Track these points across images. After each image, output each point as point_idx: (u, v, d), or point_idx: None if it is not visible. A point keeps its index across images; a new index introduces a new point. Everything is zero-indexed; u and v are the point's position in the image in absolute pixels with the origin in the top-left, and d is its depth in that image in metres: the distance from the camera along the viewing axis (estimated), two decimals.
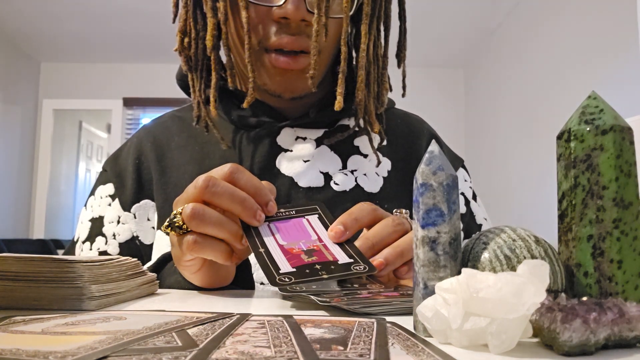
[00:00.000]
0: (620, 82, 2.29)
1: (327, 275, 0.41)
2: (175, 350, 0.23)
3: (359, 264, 0.43)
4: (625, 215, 0.31)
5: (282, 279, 0.40)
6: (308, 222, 0.49)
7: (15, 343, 0.25)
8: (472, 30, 3.87)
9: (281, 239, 0.46)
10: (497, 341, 0.25)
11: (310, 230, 0.48)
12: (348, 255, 0.44)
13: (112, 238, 0.68)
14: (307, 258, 0.43)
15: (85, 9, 3.62)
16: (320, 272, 0.41)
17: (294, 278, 0.40)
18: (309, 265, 0.42)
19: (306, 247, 0.45)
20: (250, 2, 0.60)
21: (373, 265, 0.43)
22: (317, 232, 0.47)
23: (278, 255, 0.44)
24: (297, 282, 0.40)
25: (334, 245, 0.45)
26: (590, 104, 0.33)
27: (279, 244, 0.45)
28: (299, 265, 0.42)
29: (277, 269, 0.42)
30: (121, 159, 0.73)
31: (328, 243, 0.46)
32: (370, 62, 0.64)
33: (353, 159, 0.69)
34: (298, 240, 0.46)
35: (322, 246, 0.45)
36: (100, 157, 5.73)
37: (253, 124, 0.69)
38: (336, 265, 0.42)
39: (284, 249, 0.45)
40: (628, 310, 0.26)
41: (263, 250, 0.44)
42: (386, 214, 0.50)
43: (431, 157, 0.31)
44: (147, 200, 0.69)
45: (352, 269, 0.42)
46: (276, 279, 0.40)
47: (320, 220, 0.49)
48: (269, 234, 0.46)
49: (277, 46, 0.61)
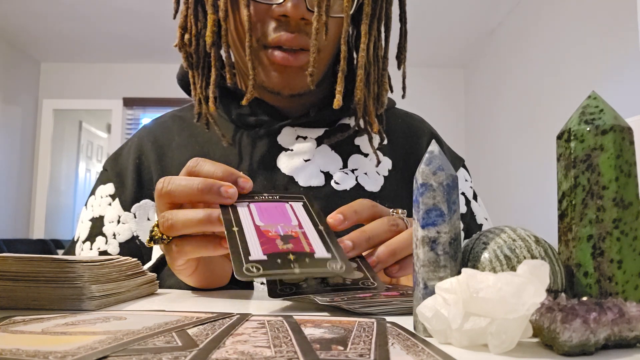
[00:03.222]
0: (620, 82, 2.29)
1: (298, 270, 0.38)
2: (175, 350, 0.23)
3: (336, 261, 0.39)
4: (625, 215, 0.31)
5: (250, 268, 0.37)
6: (291, 208, 0.47)
7: (15, 343, 0.25)
8: (472, 30, 3.87)
9: (259, 219, 0.43)
10: (497, 341, 0.25)
11: (291, 215, 0.45)
12: (327, 248, 0.41)
13: (112, 238, 0.68)
14: (282, 245, 0.40)
15: (86, 9, 3.62)
16: (293, 265, 0.38)
17: (262, 269, 0.38)
18: (282, 254, 0.39)
19: (284, 231, 0.42)
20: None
21: (350, 266, 0.40)
22: (299, 218, 0.45)
23: (252, 236, 0.41)
24: (264, 274, 0.37)
25: (314, 235, 0.43)
26: (590, 104, 0.33)
27: (256, 224, 0.43)
28: (272, 252, 0.39)
29: (247, 254, 0.39)
30: (121, 159, 0.73)
31: (308, 231, 0.43)
32: (370, 62, 0.64)
33: (354, 158, 0.69)
34: (276, 223, 0.43)
35: (301, 233, 0.43)
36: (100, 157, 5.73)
37: (253, 123, 0.69)
38: (311, 259, 0.39)
39: (260, 230, 0.42)
40: (628, 310, 0.26)
41: (237, 230, 0.41)
42: (386, 211, 0.50)
43: (431, 157, 0.31)
44: (148, 200, 0.69)
45: (327, 266, 0.39)
46: (242, 268, 0.37)
47: (305, 208, 0.47)
48: (246, 214, 0.44)
49: (276, 43, 0.61)
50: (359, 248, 0.45)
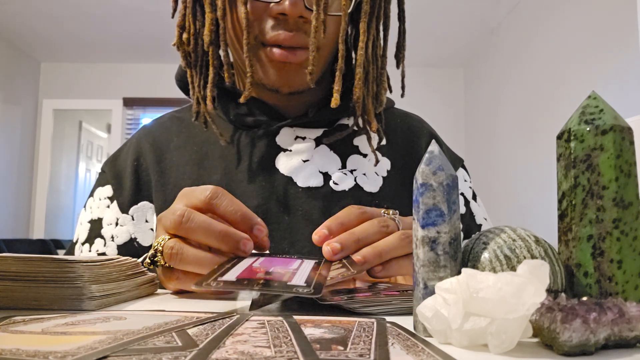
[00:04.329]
0: (620, 82, 2.29)
1: (257, 287, 0.35)
2: (175, 350, 0.23)
3: (306, 287, 0.35)
4: (625, 215, 0.31)
5: (210, 283, 0.35)
6: (300, 261, 0.44)
7: (15, 343, 0.25)
8: (472, 29, 3.87)
9: (257, 263, 0.42)
10: (497, 341, 0.25)
11: (295, 264, 0.43)
12: (307, 281, 0.37)
13: (111, 240, 0.68)
14: (262, 275, 0.38)
15: (86, 9, 3.62)
16: (256, 286, 0.36)
17: (222, 285, 0.35)
18: (252, 279, 0.37)
19: (273, 270, 0.40)
20: None
21: (319, 291, 0.35)
22: (301, 265, 0.42)
23: (238, 268, 0.39)
24: (218, 288, 0.35)
25: (304, 273, 0.40)
26: (590, 104, 0.33)
27: (252, 265, 0.41)
28: (244, 277, 0.37)
29: (220, 275, 0.37)
30: (120, 160, 0.73)
31: (300, 270, 0.40)
32: (369, 61, 0.64)
33: (352, 158, 0.69)
34: (273, 266, 0.41)
35: (291, 272, 0.40)
36: (100, 157, 5.73)
37: (251, 123, 0.69)
38: (280, 284, 0.36)
39: (250, 267, 0.40)
40: (628, 310, 0.26)
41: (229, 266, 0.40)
42: (376, 212, 0.50)
43: (431, 157, 0.31)
44: (146, 202, 0.69)
45: (292, 290, 0.35)
46: (204, 282, 0.36)
47: (315, 262, 0.44)
48: (250, 261, 0.42)
49: (274, 42, 0.61)
50: (347, 250, 0.45)
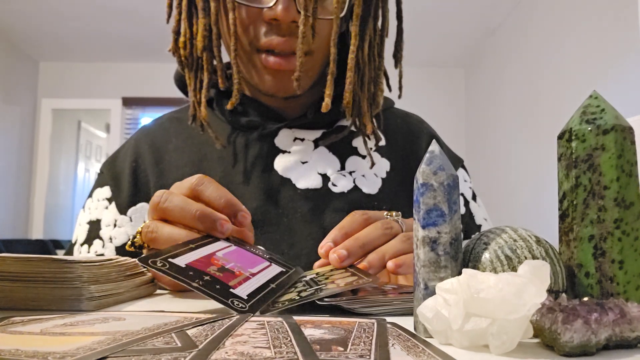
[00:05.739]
0: (621, 81, 2.29)
1: (196, 283, 0.35)
2: (175, 351, 0.23)
3: (242, 302, 0.35)
4: (626, 215, 0.31)
5: (157, 262, 0.36)
6: (268, 265, 0.44)
7: (14, 344, 0.24)
8: (472, 29, 3.87)
9: (222, 254, 0.41)
10: (497, 342, 0.25)
11: (259, 267, 0.42)
12: (251, 294, 0.37)
13: (109, 241, 0.68)
14: (212, 270, 0.38)
15: (85, 8, 3.62)
16: (197, 281, 0.36)
17: (167, 267, 0.36)
18: (201, 272, 0.37)
19: (229, 267, 0.39)
20: (240, 3, 0.60)
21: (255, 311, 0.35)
22: (263, 271, 0.42)
23: (195, 254, 0.39)
24: (160, 270, 0.36)
25: (258, 280, 0.39)
26: (591, 104, 0.33)
27: (214, 253, 0.41)
28: (194, 267, 0.37)
29: (172, 257, 0.37)
30: (118, 161, 0.72)
31: (258, 277, 0.40)
32: (364, 62, 0.64)
33: (351, 160, 0.69)
34: (233, 262, 0.41)
35: (246, 275, 0.39)
36: (99, 157, 5.73)
37: (250, 124, 0.69)
38: (222, 287, 0.36)
39: (210, 257, 0.40)
40: (629, 310, 0.26)
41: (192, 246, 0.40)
42: (379, 215, 0.50)
43: (432, 157, 0.31)
44: (144, 203, 0.69)
45: (227, 300, 0.35)
46: (150, 259, 0.36)
47: (283, 273, 0.44)
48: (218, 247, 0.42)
49: (267, 47, 0.61)
50: (354, 256, 0.45)
